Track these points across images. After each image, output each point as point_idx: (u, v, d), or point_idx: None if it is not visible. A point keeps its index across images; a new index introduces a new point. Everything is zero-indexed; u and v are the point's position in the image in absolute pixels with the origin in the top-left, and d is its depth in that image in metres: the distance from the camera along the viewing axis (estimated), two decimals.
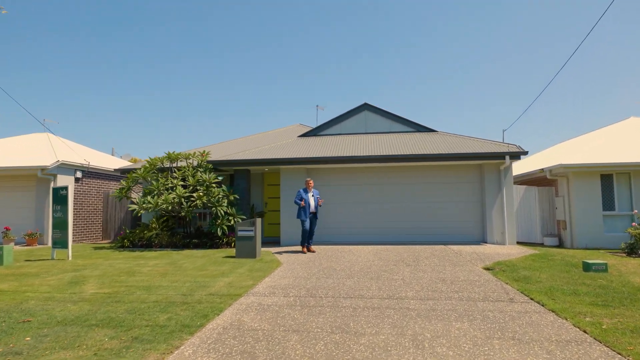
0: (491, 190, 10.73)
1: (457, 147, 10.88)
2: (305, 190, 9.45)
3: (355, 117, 13.18)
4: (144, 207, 10.49)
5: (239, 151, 12.46)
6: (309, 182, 9.57)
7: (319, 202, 9.50)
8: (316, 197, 9.48)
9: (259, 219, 9.05)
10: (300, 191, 9.42)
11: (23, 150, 14.11)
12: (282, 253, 9.53)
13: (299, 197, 9.33)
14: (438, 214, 11.10)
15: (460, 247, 9.84)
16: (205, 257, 9.02)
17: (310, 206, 9.34)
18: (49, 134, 16.61)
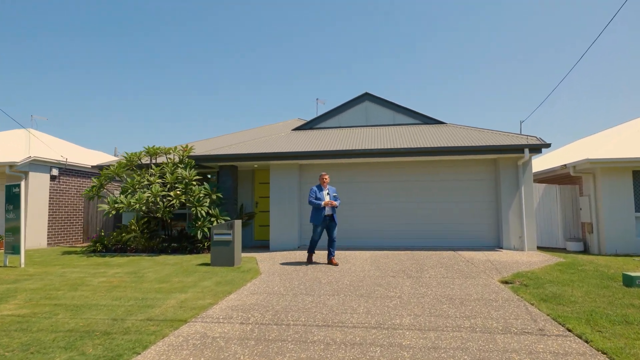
0: (508, 189, 9.40)
1: (468, 139, 9.58)
2: (320, 188, 7.66)
3: (355, 108, 11.94)
4: (116, 207, 9.39)
5: (225, 145, 11.32)
6: (323, 177, 7.70)
7: (333, 203, 7.52)
8: (332, 195, 7.63)
9: (238, 221, 7.86)
10: (314, 189, 7.61)
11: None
12: (267, 260, 8.33)
13: (313, 196, 7.53)
14: (447, 216, 9.81)
15: (472, 254, 8.54)
16: (177, 264, 7.87)
17: (325, 208, 7.50)
18: (32, 130, 15.68)
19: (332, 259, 7.55)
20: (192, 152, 10.67)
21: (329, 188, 7.70)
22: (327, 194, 7.59)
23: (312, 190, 7.60)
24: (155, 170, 10.04)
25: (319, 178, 7.79)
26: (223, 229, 7.70)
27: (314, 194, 7.54)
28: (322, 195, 7.55)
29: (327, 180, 7.71)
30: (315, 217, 7.56)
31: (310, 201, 7.53)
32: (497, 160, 9.62)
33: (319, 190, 7.61)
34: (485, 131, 10.43)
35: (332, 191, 7.68)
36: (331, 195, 7.59)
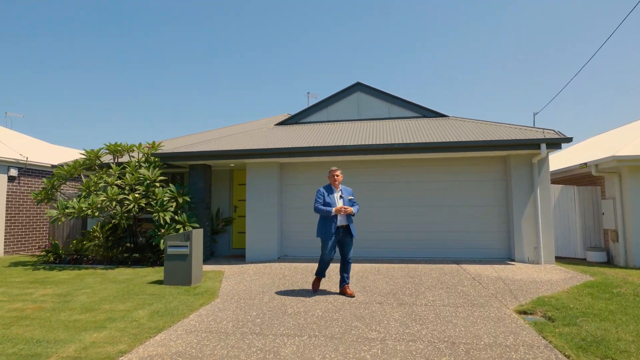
0: (520, 191, 8.05)
1: (474, 134, 8.23)
2: (330, 189, 5.62)
3: (345, 100, 10.61)
4: (66, 212, 8.11)
5: (197, 142, 10.03)
6: (334, 174, 5.62)
7: (347, 210, 5.39)
8: (348, 198, 5.58)
9: (197, 230, 6.56)
10: (322, 190, 5.59)
11: None
12: (235, 276, 7.02)
13: (321, 201, 5.49)
14: (449, 223, 8.46)
15: (479, 269, 7.20)
16: (126, 282, 6.58)
17: (337, 217, 5.43)
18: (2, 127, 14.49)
19: (346, 288, 5.53)
20: (160, 149, 9.40)
21: (342, 189, 5.65)
22: (339, 198, 5.54)
23: (319, 192, 5.57)
24: (114, 170, 8.77)
25: (328, 175, 5.73)
26: (178, 240, 6.40)
27: (321, 197, 5.51)
28: (333, 199, 5.49)
29: (339, 178, 5.62)
30: (324, 230, 5.47)
31: (317, 207, 5.45)
32: (507, 158, 8.27)
33: (329, 193, 5.56)
34: (494, 124, 9.07)
35: (347, 193, 5.64)
36: (345, 198, 5.55)
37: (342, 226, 5.50)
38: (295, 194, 9.09)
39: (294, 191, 9.10)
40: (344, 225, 5.51)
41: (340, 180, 5.65)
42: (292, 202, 9.08)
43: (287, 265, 7.92)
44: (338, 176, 5.63)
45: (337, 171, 5.66)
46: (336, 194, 5.59)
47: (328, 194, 5.55)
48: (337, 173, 5.64)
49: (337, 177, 5.62)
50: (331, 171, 5.65)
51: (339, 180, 5.65)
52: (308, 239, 8.88)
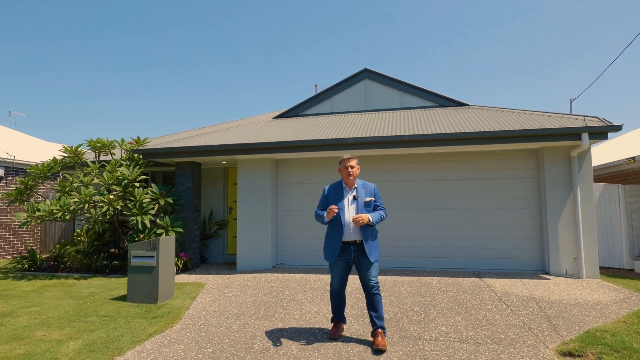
0: (556, 190, 6.75)
1: (499, 123, 6.98)
2: (338, 187, 3.92)
3: (351, 89, 9.47)
4: (36, 216, 7.29)
5: (185, 137, 9.10)
6: (346, 164, 3.86)
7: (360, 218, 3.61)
8: (363, 200, 3.79)
9: (166, 237, 5.58)
10: (327, 189, 4.02)
11: None
12: (215, 290, 6.01)
13: (323, 203, 3.97)
14: (469, 227, 7.22)
15: (505, 284, 5.96)
16: (87, 297, 5.67)
17: (345, 224, 3.72)
18: None
19: (377, 337, 3.61)
20: (144, 146, 8.52)
21: (359, 187, 3.86)
22: (352, 200, 3.78)
23: (323, 191, 4.02)
24: (92, 168, 7.91)
25: (338, 167, 3.97)
26: (143, 249, 5.43)
27: (324, 199, 3.95)
28: (342, 202, 3.78)
29: (353, 171, 3.83)
30: (326, 247, 3.87)
31: (317, 212, 3.91)
32: (540, 151, 6.98)
33: (336, 192, 3.88)
34: (523, 112, 7.77)
35: (366, 193, 3.83)
36: (360, 201, 3.76)
37: (351, 242, 3.70)
38: (293, 195, 8.02)
39: (291, 191, 8.04)
40: (354, 241, 3.69)
41: (355, 174, 3.86)
42: (289, 204, 8.02)
43: (280, 276, 6.87)
44: (353, 168, 3.81)
45: (351, 160, 3.84)
46: (348, 193, 3.82)
47: (335, 194, 3.86)
48: (350, 163, 3.82)
49: (350, 171, 3.80)
50: (342, 161, 3.88)
51: (355, 173, 3.84)
52: (307, 246, 7.83)
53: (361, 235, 3.70)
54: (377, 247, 3.81)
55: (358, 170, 3.92)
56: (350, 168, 3.85)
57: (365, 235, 3.71)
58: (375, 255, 3.73)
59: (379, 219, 3.76)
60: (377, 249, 3.79)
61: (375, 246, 3.79)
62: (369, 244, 3.70)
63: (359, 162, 4.00)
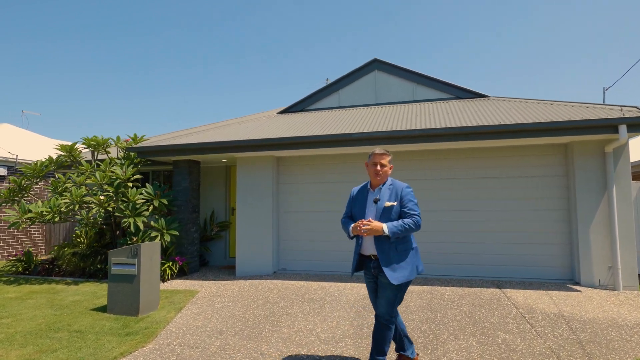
0: (588, 190, 5.98)
1: (522, 115, 6.24)
2: (364, 189, 3.20)
3: (360, 81, 8.83)
4: (26, 217, 6.96)
5: (184, 134, 8.65)
6: (375, 161, 3.07)
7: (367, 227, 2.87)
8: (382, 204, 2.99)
9: (150, 243, 5.11)
10: (352, 192, 3.31)
11: None
12: (205, 300, 5.52)
13: (348, 209, 3.29)
14: (488, 231, 6.52)
15: (529, 297, 5.26)
16: (68, 307, 5.27)
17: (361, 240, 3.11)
18: (8, 125, 13.98)
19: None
20: (140, 144, 8.12)
21: (385, 188, 3.07)
22: (373, 203, 3.06)
23: (350, 194, 3.32)
24: (86, 167, 7.55)
25: (369, 159, 3.16)
26: (123, 256, 4.97)
27: (348, 205, 3.29)
28: (363, 207, 3.11)
29: (383, 171, 3.06)
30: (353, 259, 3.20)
31: (342, 222, 3.25)
32: (569, 147, 6.21)
33: (360, 195, 3.20)
34: (550, 103, 6.99)
35: (391, 196, 3.02)
36: (380, 205, 3.00)
37: (368, 257, 3.06)
38: (296, 196, 7.47)
39: (294, 192, 7.49)
40: (370, 256, 3.04)
41: (385, 173, 3.06)
42: (292, 205, 7.48)
43: (279, 284, 6.34)
44: (383, 167, 3.04)
45: (383, 157, 3.05)
46: (372, 195, 3.08)
47: (359, 198, 3.17)
48: (380, 160, 3.04)
49: (380, 170, 3.03)
50: (371, 156, 3.11)
51: (384, 173, 3.05)
52: (311, 251, 7.28)
53: (376, 249, 2.93)
54: (403, 266, 2.90)
55: (389, 171, 3.10)
56: (380, 167, 3.03)
57: (381, 249, 2.90)
58: (398, 276, 2.85)
59: (399, 229, 2.81)
60: (403, 269, 2.89)
61: (401, 265, 2.89)
62: (387, 261, 2.88)
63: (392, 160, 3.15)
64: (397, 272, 2.86)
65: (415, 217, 2.91)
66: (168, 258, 7.22)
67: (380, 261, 2.88)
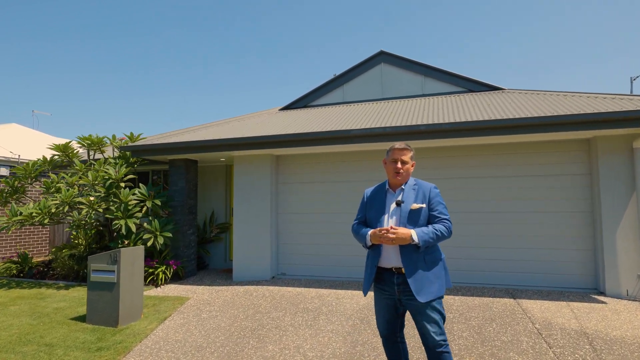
0: (613, 190, 5.40)
1: (540, 109, 5.69)
2: (381, 190, 2.66)
3: (366, 75, 8.36)
4: (14, 220, 6.74)
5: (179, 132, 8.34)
6: (394, 157, 2.57)
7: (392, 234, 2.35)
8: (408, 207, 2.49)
9: (131, 248, 4.77)
10: (367, 193, 2.76)
11: None
12: (193, 308, 5.17)
13: (360, 214, 2.74)
14: (502, 234, 5.98)
15: (546, 309, 4.73)
16: (48, 315, 4.98)
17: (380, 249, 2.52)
18: (16, 124, 13.98)
19: None
20: (137, 141, 7.83)
21: (406, 189, 2.57)
22: (393, 207, 2.54)
23: (363, 197, 2.78)
24: (79, 167, 7.29)
25: (387, 156, 2.67)
26: (103, 262, 4.65)
27: (362, 207, 2.76)
28: (380, 212, 2.58)
29: (404, 168, 2.56)
30: (365, 272, 2.65)
31: (353, 229, 2.72)
32: (593, 142, 5.63)
33: (377, 197, 2.66)
34: (571, 95, 6.40)
35: (417, 197, 2.52)
36: (405, 209, 2.49)
37: (390, 270, 2.49)
38: (296, 196, 7.07)
39: (294, 192, 7.09)
40: (392, 268, 2.47)
41: (407, 172, 2.57)
42: (292, 206, 7.07)
43: (276, 290, 5.95)
44: (404, 163, 2.55)
45: (404, 153, 2.57)
46: (392, 198, 2.58)
47: (375, 200, 2.64)
48: (401, 157, 2.56)
49: (401, 167, 2.54)
50: (390, 151, 2.62)
51: (405, 172, 2.56)
52: (312, 255, 6.88)
53: (402, 261, 2.41)
54: (435, 280, 2.42)
55: (412, 168, 2.61)
56: (400, 164, 2.53)
57: (408, 260, 2.39)
58: (429, 293, 2.37)
59: (431, 236, 2.37)
60: (434, 284, 2.41)
61: (432, 279, 2.41)
62: (416, 276, 2.37)
63: (414, 156, 2.65)
64: (426, 288, 2.38)
65: (447, 223, 2.48)
66: (162, 261, 6.92)
67: (407, 275, 2.38)
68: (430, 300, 2.37)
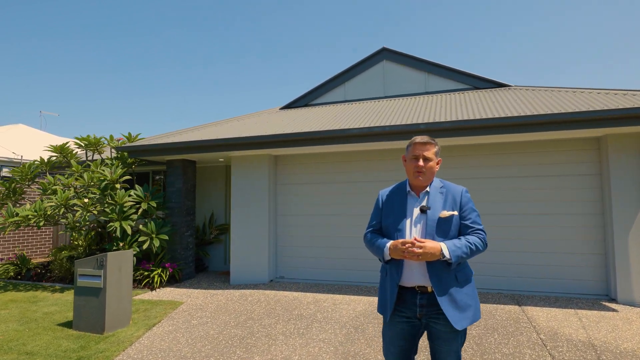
0: (626, 190, 5.10)
1: (546, 106, 5.41)
2: (401, 192, 2.21)
3: (368, 72, 8.15)
4: (10, 221, 6.68)
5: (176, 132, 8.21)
6: (415, 153, 2.12)
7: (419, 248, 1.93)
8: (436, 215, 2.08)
9: (118, 252, 4.64)
10: (381, 196, 2.29)
11: None
12: (184, 314, 5.02)
13: (374, 221, 2.28)
14: (507, 237, 5.72)
15: (552, 317, 4.47)
16: (39, 319, 4.88)
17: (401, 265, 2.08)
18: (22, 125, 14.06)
19: None
20: (134, 142, 7.73)
21: (432, 192, 2.15)
22: (417, 214, 2.12)
23: (377, 200, 2.31)
24: (76, 168, 7.21)
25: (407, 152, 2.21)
26: (89, 266, 4.52)
27: (376, 213, 2.29)
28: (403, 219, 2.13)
29: (428, 166, 2.10)
30: (380, 292, 2.24)
31: (364, 237, 2.30)
32: (603, 140, 5.34)
33: (394, 201, 2.22)
34: (580, 91, 6.11)
35: (443, 202, 2.12)
36: (432, 217, 2.08)
37: (412, 289, 2.08)
38: (295, 197, 6.89)
39: (293, 193, 6.91)
40: (422, 288, 2.05)
41: (432, 169, 2.13)
42: (291, 208, 6.90)
43: (272, 295, 5.78)
44: (427, 160, 2.11)
45: (427, 148, 2.12)
46: (415, 203, 2.16)
47: (394, 204, 2.21)
48: (423, 152, 2.11)
49: (423, 165, 2.10)
50: (410, 146, 2.17)
51: (429, 169, 2.12)
52: (311, 257, 6.71)
53: (430, 279, 2.01)
54: (468, 302, 2.04)
55: (437, 167, 2.15)
56: (423, 160, 2.09)
57: (438, 278, 2.00)
58: (465, 319, 2.00)
59: (465, 252, 1.99)
60: (471, 306, 2.04)
61: (468, 301, 2.04)
62: (450, 298, 1.99)
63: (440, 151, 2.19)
64: (461, 312, 1.99)
65: (482, 234, 2.11)
66: (159, 264, 6.80)
67: (438, 295, 1.98)
68: (465, 327, 2.00)
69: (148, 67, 62.68)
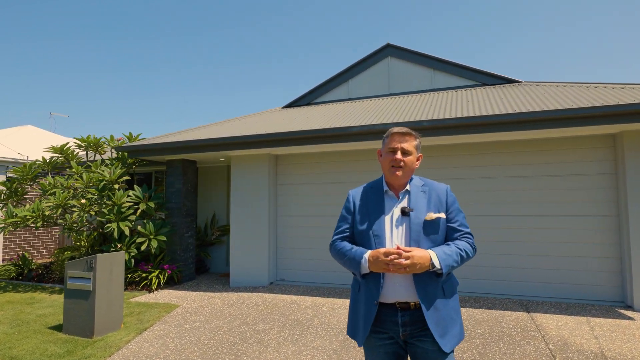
0: None
1: (557, 101, 5.13)
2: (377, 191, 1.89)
3: (371, 69, 7.92)
4: (9, 222, 6.63)
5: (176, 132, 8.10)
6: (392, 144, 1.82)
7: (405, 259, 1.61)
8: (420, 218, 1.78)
9: (109, 254, 4.51)
10: (352, 197, 1.95)
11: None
12: (177, 318, 4.87)
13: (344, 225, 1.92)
14: (516, 240, 5.44)
15: (563, 325, 4.20)
16: (31, 322, 4.79)
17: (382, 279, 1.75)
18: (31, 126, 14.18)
19: None
20: (134, 142, 7.65)
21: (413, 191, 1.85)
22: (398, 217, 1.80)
23: (347, 200, 1.97)
24: (75, 168, 7.15)
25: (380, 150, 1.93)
26: (79, 269, 4.40)
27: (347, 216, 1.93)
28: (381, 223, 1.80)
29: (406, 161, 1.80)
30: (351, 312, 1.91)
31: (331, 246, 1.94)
32: (619, 138, 5.03)
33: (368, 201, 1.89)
34: (594, 86, 5.80)
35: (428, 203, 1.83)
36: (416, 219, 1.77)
37: (391, 305, 1.75)
38: (296, 197, 6.71)
39: (294, 193, 6.74)
40: (405, 304, 1.74)
41: (411, 164, 1.83)
42: (291, 209, 6.72)
43: (270, 298, 5.60)
44: (408, 154, 1.82)
45: (405, 139, 1.82)
46: (394, 204, 1.85)
47: (368, 205, 1.88)
48: (402, 144, 1.81)
49: (400, 159, 1.79)
50: (386, 139, 1.87)
51: (408, 164, 1.81)
52: (312, 259, 6.52)
53: (417, 294, 1.72)
54: (457, 317, 1.80)
55: (417, 163, 1.87)
56: (401, 154, 1.81)
57: (424, 292, 1.72)
58: (452, 337, 1.73)
59: (456, 260, 1.73)
60: (457, 322, 1.78)
61: (454, 316, 1.78)
62: (437, 314, 1.72)
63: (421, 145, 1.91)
64: (448, 329, 1.73)
65: (470, 239, 1.85)
66: (158, 266, 6.69)
67: (425, 313, 1.69)
68: (453, 348, 1.72)
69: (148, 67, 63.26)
